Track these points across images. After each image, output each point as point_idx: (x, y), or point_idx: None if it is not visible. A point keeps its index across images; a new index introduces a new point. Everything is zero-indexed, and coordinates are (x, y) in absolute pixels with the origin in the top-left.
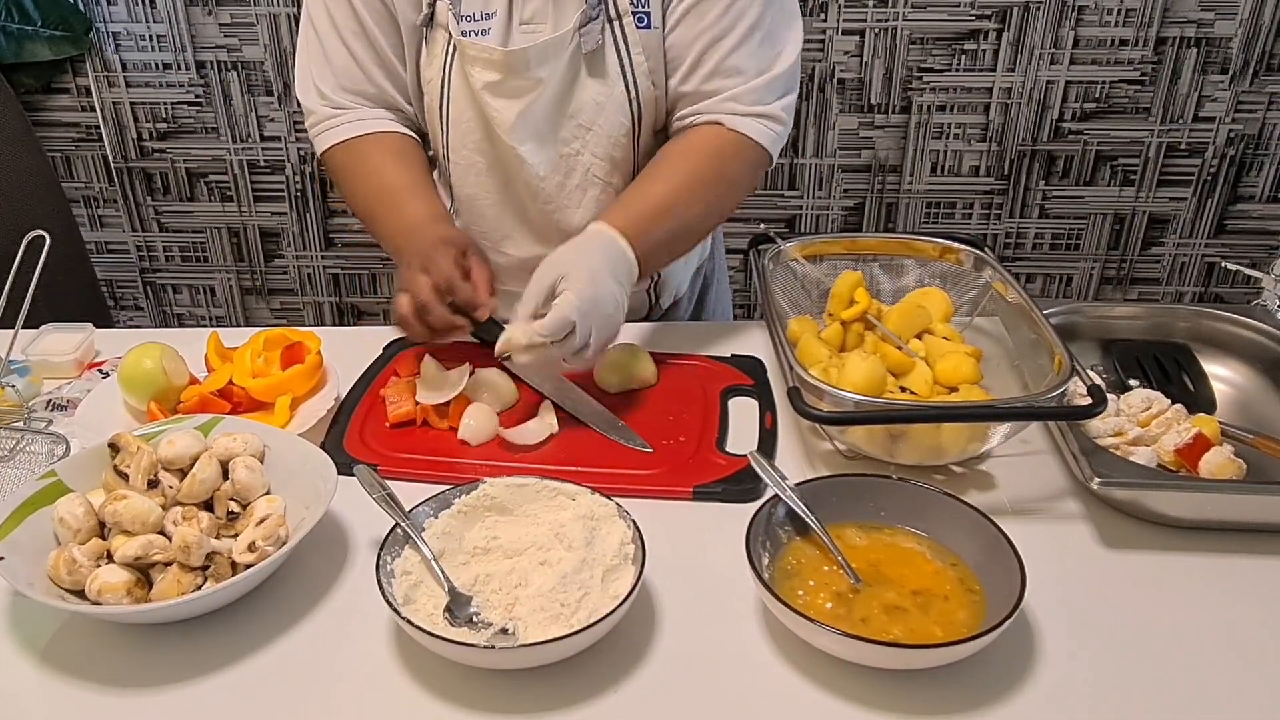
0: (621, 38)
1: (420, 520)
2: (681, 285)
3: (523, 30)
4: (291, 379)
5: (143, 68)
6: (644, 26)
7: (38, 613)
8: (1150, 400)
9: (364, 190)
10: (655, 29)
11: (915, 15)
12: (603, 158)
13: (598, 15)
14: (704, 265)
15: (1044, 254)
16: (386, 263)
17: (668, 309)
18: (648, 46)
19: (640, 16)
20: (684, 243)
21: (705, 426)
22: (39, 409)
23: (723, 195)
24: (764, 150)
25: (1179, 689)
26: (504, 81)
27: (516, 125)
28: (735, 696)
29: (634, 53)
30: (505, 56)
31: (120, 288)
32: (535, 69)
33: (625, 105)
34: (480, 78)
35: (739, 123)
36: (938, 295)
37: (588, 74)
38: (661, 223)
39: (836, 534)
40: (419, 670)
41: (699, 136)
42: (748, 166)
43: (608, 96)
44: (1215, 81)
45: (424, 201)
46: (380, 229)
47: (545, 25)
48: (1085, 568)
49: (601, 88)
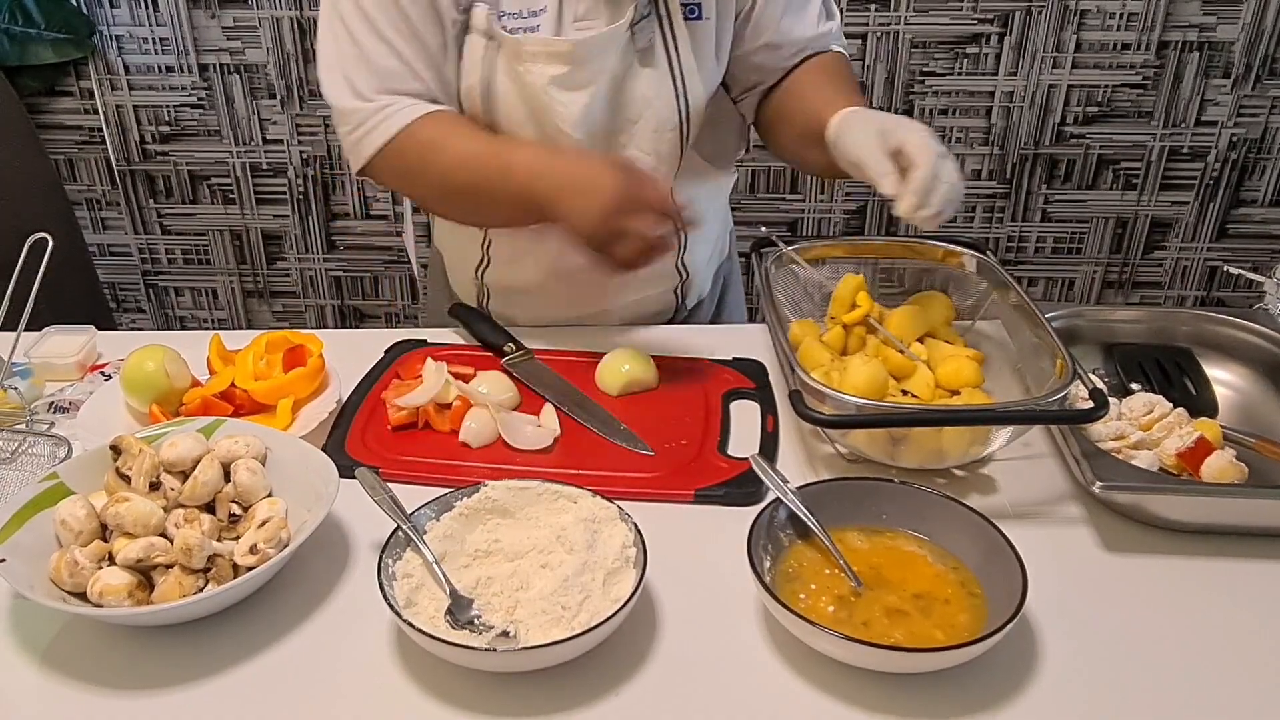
0: (670, 35)
1: (421, 523)
2: (705, 285)
3: (576, 27)
4: (293, 381)
5: (145, 70)
6: (695, 18)
7: (39, 615)
8: (1152, 404)
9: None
10: (708, 20)
11: (917, 19)
12: (649, 151)
13: (649, 13)
14: (723, 265)
15: (1046, 258)
16: (388, 266)
17: (692, 310)
18: (696, 40)
19: (691, 9)
20: None
21: (707, 430)
22: (41, 411)
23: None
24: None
25: (1180, 693)
26: (570, 74)
27: (582, 118)
28: (736, 699)
29: (682, 49)
30: (573, 47)
31: (122, 290)
32: (599, 60)
33: (672, 100)
34: (543, 73)
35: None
36: (940, 299)
37: (639, 67)
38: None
39: (838, 537)
40: (420, 673)
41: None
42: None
43: (655, 92)
44: (1217, 85)
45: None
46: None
47: (599, 21)
48: (1087, 571)
49: (650, 82)
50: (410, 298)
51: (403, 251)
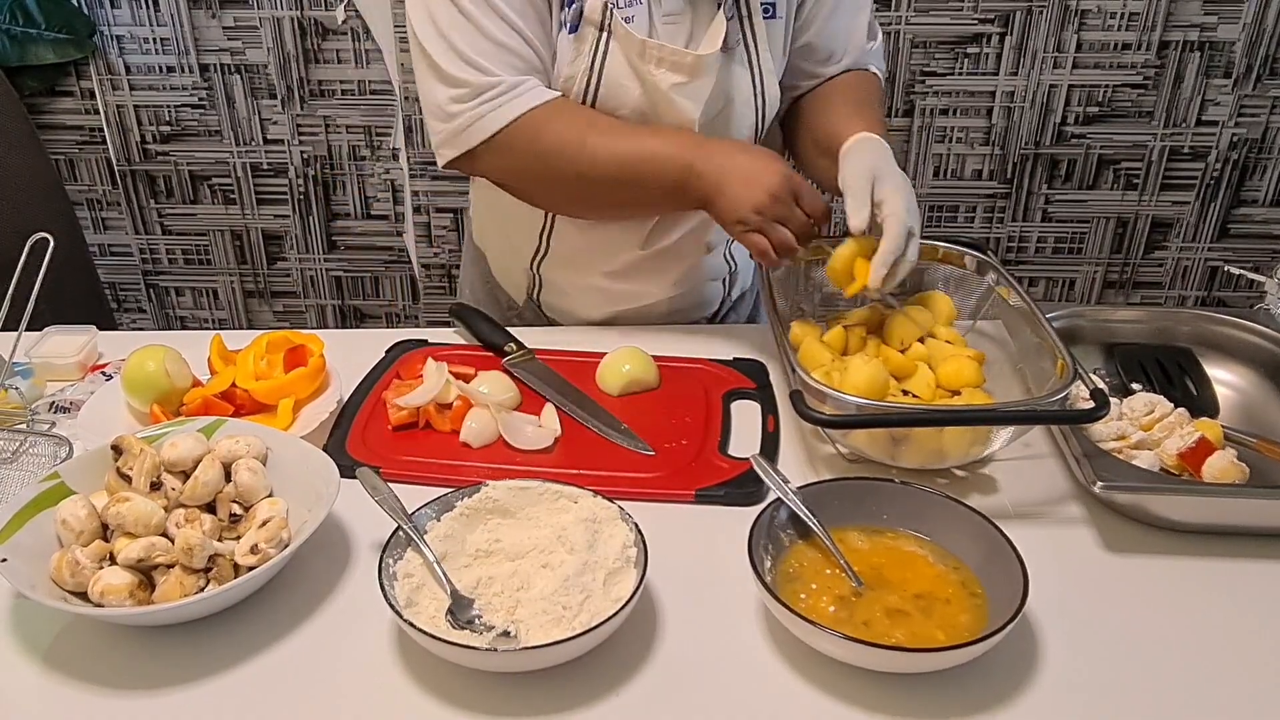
0: (751, 35)
1: (422, 523)
2: (749, 277)
3: (664, 22)
4: (294, 381)
5: (146, 70)
6: (770, 17)
7: (40, 615)
8: (1153, 404)
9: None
10: (781, 18)
11: (918, 19)
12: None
13: (733, 15)
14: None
15: (1047, 258)
16: (389, 266)
17: (735, 302)
18: (773, 39)
19: (766, 8)
20: None
21: (707, 430)
22: (42, 411)
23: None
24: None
25: (1181, 694)
26: (689, 83)
27: (697, 120)
28: (737, 700)
29: (760, 48)
30: (696, 61)
31: (123, 290)
32: (714, 71)
33: (751, 100)
34: (667, 78)
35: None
36: (940, 299)
37: (729, 67)
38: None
39: (839, 537)
40: (421, 673)
41: (859, 75)
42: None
43: (737, 91)
44: (1218, 85)
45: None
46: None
47: (685, 18)
48: (1087, 572)
49: (736, 81)
50: (411, 298)
51: (403, 251)
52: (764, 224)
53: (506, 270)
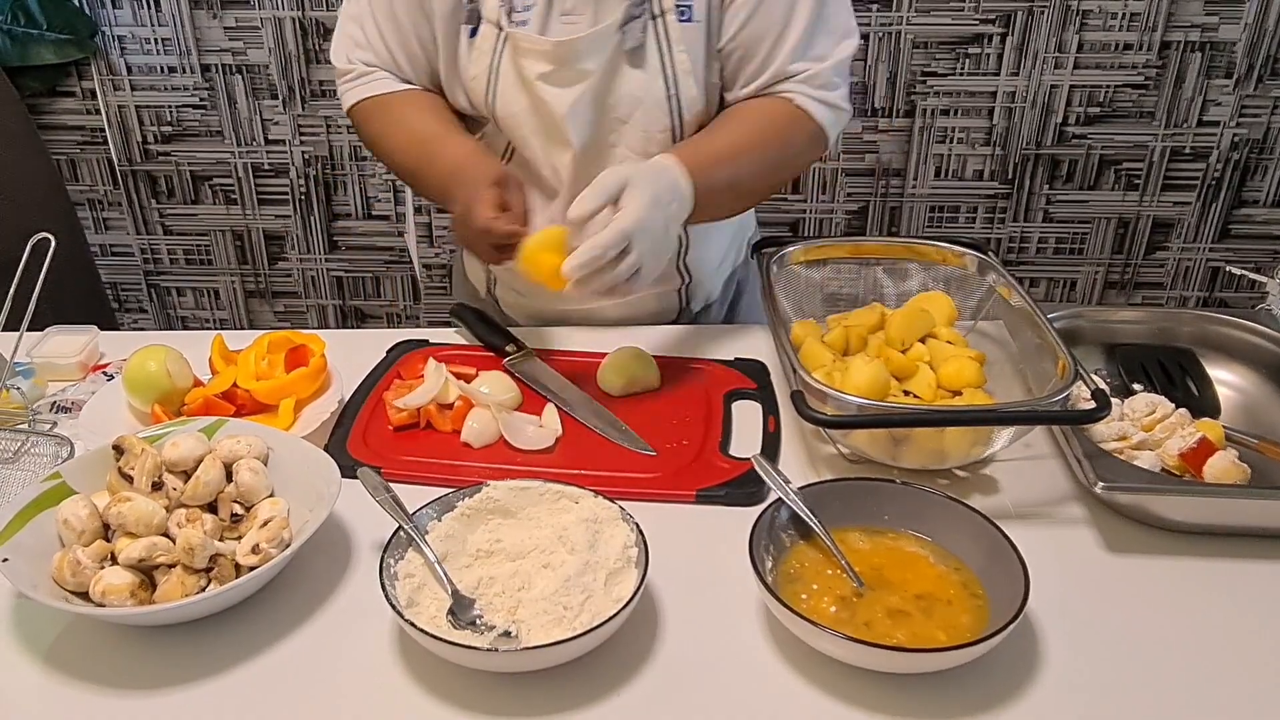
0: (664, 35)
1: (423, 523)
2: (714, 290)
3: (563, 20)
4: (295, 382)
5: (147, 71)
6: (686, 20)
7: (42, 615)
8: (1154, 405)
9: (400, 137)
10: (698, 23)
11: (919, 19)
12: (638, 152)
13: (641, 14)
14: (737, 271)
15: (1048, 258)
16: (390, 265)
17: (698, 313)
18: (690, 42)
19: (682, 10)
20: (739, 198)
21: (708, 430)
22: (43, 411)
23: (782, 160)
24: (824, 131)
25: (1182, 694)
26: (555, 72)
27: (569, 114)
28: (738, 700)
29: (676, 50)
30: (555, 48)
31: (124, 290)
32: (584, 60)
33: (664, 102)
34: (532, 68)
35: (804, 101)
36: (941, 299)
37: (629, 66)
38: (723, 169)
39: (840, 538)
40: (422, 673)
41: (765, 103)
42: (808, 140)
43: (646, 92)
44: (1219, 86)
45: (460, 143)
46: (422, 179)
47: (584, 17)
48: (1089, 572)
49: (640, 83)
50: (412, 298)
51: (404, 252)
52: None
53: (471, 268)
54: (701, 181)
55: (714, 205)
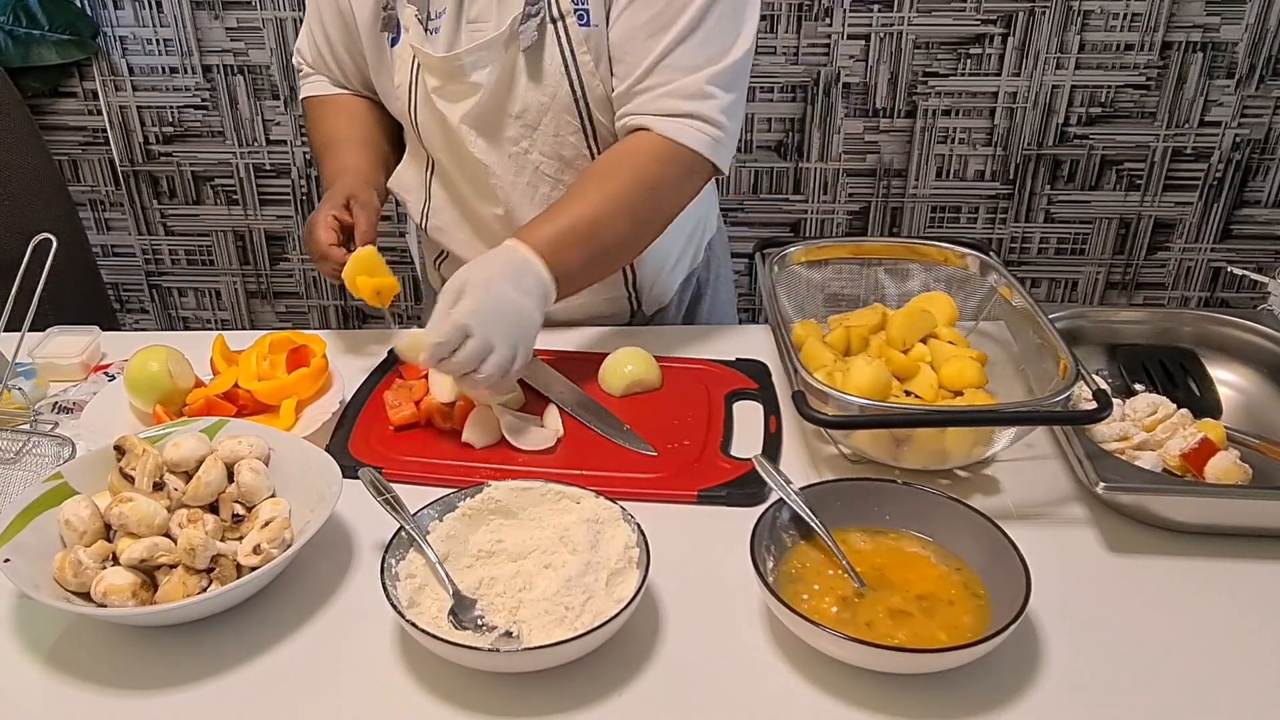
0: (565, 38)
1: (424, 523)
2: (667, 292)
3: (470, 28)
4: (296, 382)
5: (149, 71)
6: (585, 24)
7: (43, 615)
8: (1156, 405)
9: (315, 140)
10: (597, 26)
11: (920, 20)
12: (551, 155)
13: (538, 12)
14: (696, 273)
15: (1049, 258)
16: (392, 266)
17: (653, 315)
18: (593, 45)
19: (580, 14)
20: (610, 261)
21: (710, 430)
22: (45, 411)
23: (653, 210)
24: (699, 155)
25: (1184, 694)
26: (444, 85)
27: (462, 126)
28: (739, 700)
29: (579, 52)
30: (441, 63)
31: (126, 291)
32: (470, 74)
33: (571, 105)
34: (429, 81)
35: (668, 126)
36: (943, 300)
37: (527, 75)
38: (579, 242)
39: (841, 538)
40: (423, 673)
41: (628, 146)
42: (681, 173)
43: (551, 96)
44: (1221, 86)
45: (349, 157)
46: (321, 176)
47: (489, 24)
48: (1090, 572)
49: (542, 87)
50: (413, 298)
51: (405, 252)
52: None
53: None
54: (554, 258)
55: (579, 276)
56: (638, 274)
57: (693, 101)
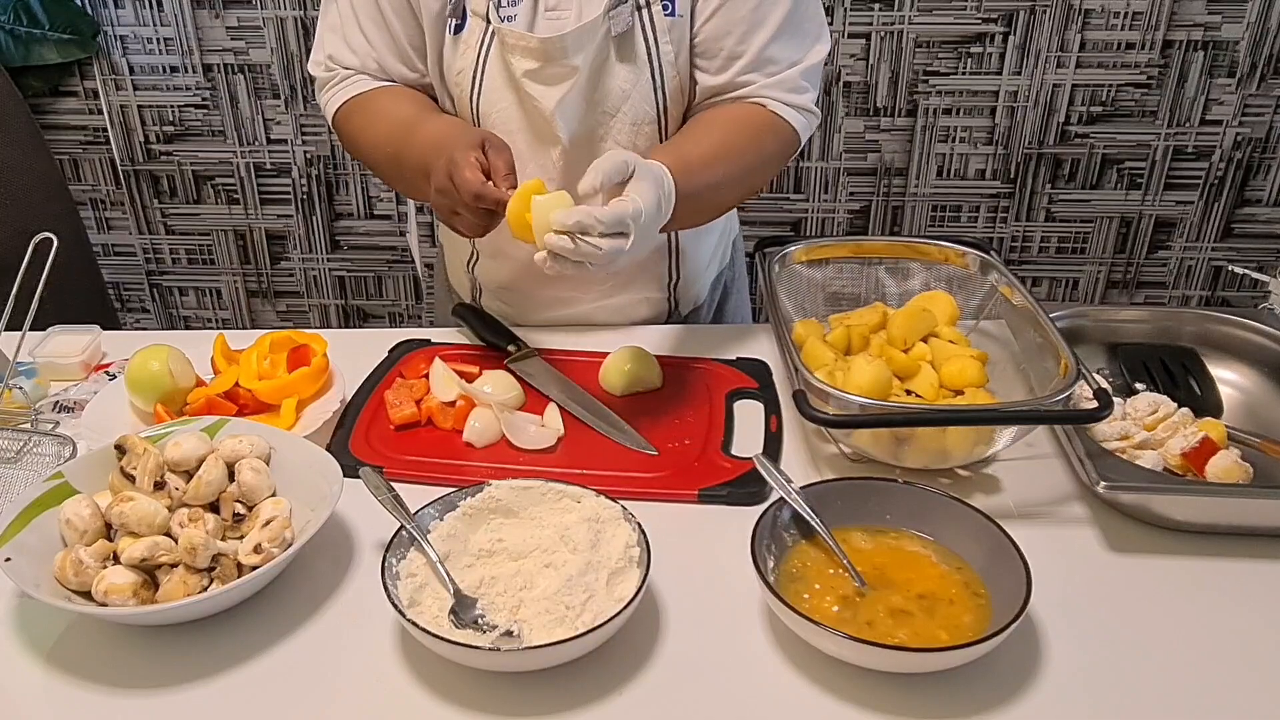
0: (650, 25)
1: (425, 522)
2: (701, 293)
3: (547, 16)
4: (297, 381)
5: (150, 71)
6: (670, 14)
7: (44, 614)
8: (1156, 404)
9: (381, 129)
10: (681, 17)
11: (921, 19)
12: (626, 144)
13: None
14: (724, 273)
15: (1050, 257)
16: (392, 265)
17: (687, 315)
18: (675, 36)
19: (666, 4)
20: (714, 206)
21: (710, 429)
22: (46, 411)
23: (757, 167)
24: (796, 135)
25: (1185, 694)
26: (542, 69)
27: (557, 111)
28: (740, 699)
29: (661, 41)
30: (542, 44)
31: (127, 290)
32: (571, 56)
33: (650, 93)
34: (519, 65)
35: (778, 106)
36: (943, 299)
37: (617, 59)
38: (703, 176)
39: (842, 537)
40: (424, 672)
41: (739, 108)
42: (781, 145)
43: (634, 83)
44: (1222, 85)
45: (442, 120)
46: (403, 163)
47: (570, 12)
48: (1091, 571)
49: (629, 74)
50: (414, 297)
51: (406, 251)
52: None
53: (454, 275)
54: (684, 188)
55: (690, 212)
56: (681, 274)
57: (794, 94)
